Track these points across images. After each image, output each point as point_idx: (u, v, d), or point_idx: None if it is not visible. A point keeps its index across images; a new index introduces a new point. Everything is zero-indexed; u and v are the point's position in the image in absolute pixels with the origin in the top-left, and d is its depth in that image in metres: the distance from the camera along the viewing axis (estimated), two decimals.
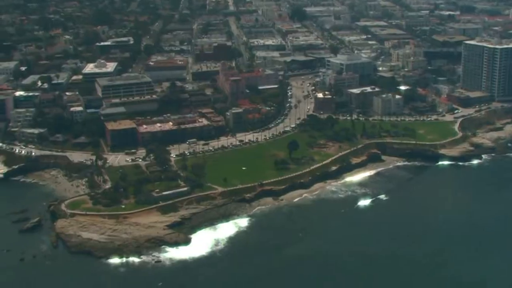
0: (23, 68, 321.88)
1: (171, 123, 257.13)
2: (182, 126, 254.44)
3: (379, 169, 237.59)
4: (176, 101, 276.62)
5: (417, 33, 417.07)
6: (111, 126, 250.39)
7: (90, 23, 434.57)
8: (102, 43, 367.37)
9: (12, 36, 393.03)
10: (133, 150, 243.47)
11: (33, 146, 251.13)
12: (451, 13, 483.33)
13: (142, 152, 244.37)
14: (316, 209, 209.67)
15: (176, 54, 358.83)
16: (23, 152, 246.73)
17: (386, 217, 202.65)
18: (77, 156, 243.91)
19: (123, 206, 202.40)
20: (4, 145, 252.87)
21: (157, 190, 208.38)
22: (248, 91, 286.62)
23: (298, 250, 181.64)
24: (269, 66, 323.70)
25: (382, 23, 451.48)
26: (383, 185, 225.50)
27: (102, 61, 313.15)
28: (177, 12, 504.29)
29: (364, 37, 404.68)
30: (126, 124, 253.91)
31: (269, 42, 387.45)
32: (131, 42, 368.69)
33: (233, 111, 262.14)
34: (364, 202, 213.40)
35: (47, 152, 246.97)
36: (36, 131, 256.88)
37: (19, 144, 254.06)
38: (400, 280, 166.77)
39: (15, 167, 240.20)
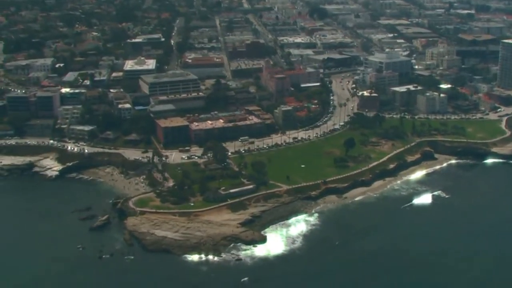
0: (59, 65, 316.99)
1: (221, 121, 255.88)
2: (234, 124, 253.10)
3: (435, 167, 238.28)
4: (222, 98, 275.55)
5: (441, 32, 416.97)
6: (163, 123, 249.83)
7: (114, 20, 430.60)
8: (133, 40, 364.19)
9: (38, 33, 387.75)
10: (187, 148, 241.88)
11: (84, 143, 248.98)
12: (470, 11, 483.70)
13: (195, 149, 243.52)
14: (380, 206, 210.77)
15: (208, 52, 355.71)
16: (75, 149, 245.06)
17: (449, 214, 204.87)
18: (130, 154, 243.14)
19: (192, 204, 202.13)
20: (55, 142, 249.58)
21: (223, 187, 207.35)
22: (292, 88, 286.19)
23: (369, 246, 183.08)
24: (305, 64, 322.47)
25: (404, 21, 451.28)
26: (441, 182, 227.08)
27: (142, 58, 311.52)
28: (194, 9, 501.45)
29: (391, 35, 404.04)
30: (178, 121, 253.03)
31: (298, 40, 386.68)
32: (162, 39, 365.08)
33: (283, 109, 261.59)
34: (425, 200, 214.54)
35: (100, 150, 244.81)
36: (86, 128, 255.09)
37: (69, 141, 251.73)
38: (473, 275, 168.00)
39: (69, 164, 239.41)
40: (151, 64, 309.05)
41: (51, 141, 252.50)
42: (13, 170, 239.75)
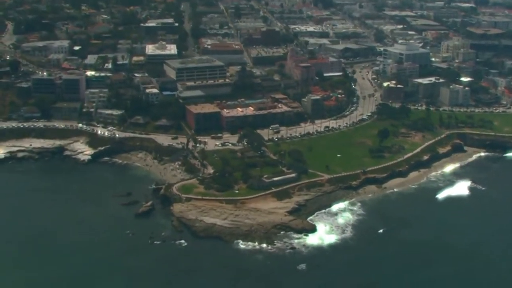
0: (76, 48, 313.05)
1: (251, 108, 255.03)
2: (264, 111, 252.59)
3: (468, 160, 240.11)
4: (249, 85, 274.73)
5: (448, 25, 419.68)
6: (194, 109, 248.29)
7: (119, 3, 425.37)
8: (146, 25, 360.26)
9: (46, 14, 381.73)
10: (219, 135, 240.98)
11: (114, 128, 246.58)
12: (471, 5, 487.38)
13: (227, 136, 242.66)
14: (420, 197, 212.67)
15: (222, 38, 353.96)
16: (106, 133, 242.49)
17: (488, 206, 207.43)
18: (161, 139, 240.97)
19: (236, 191, 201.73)
20: (84, 126, 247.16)
21: (266, 175, 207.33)
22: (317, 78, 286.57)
23: (413, 236, 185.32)
24: (324, 54, 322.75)
25: (410, 13, 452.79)
26: (475, 174, 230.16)
27: (164, 43, 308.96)
28: None
29: (400, 26, 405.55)
30: (209, 108, 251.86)
31: (311, 28, 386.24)
32: (176, 24, 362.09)
33: (312, 98, 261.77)
34: (463, 191, 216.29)
35: (131, 134, 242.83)
36: (114, 112, 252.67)
37: (97, 125, 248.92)
38: None
39: (101, 148, 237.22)
40: (172, 49, 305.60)
41: (80, 125, 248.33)
42: (44, 153, 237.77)
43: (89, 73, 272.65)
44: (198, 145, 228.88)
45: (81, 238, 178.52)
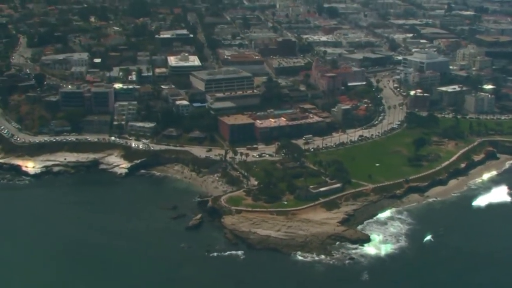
0: (97, 60, 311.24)
1: (283, 119, 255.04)
2: (297, 122, 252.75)
3: (503, 167, 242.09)
4: (276, 96, 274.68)
5: (456, 33, 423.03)
6: (228, 120, 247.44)
7: (128, 15, 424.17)
8: (161, 36, 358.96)
9: (57, 27, 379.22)
10: (254, 146, 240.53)
11: (146, 140, 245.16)
12: (473, 13, 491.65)
13: (262, 147, 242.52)
14: (464, 205, 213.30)
15: (238, 48, 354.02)
16: (140, 146, 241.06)
17: None
18: (197, 151, 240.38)
19: (285, 203, 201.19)
20: (117, 139, 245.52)
21: (311, 186, 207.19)
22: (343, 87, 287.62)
23: (464, 244, 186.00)
24: (343, 63, 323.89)
25: (416, 21, 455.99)
26: None
27: (186, 54, 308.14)
28: (198, 5, 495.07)
29: (410, 35, 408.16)
30: (243, 119, 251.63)
31: (324, 38, 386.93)
32: (191, 35, 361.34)
33: (342, 107, 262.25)
34: (504, 198, 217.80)
35: (166, 147, 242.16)
36: (146, 125, 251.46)
37: (129, 138, 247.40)
38: None
39: (137, 161, 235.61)
40: (195, 60, 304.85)
41: (112, 138, 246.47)
42: (79, 167, 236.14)
43: (117, 85, 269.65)
44: (236, 156, 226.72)
45: (136, 252, 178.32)
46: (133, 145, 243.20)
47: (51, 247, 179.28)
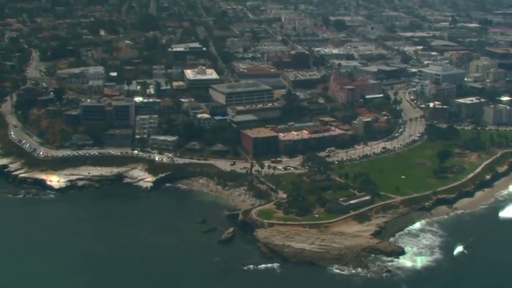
0: (113, 74, 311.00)
1: (305, 131, 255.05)
2: (319, 134, 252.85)
3: None
4: (297, 109, 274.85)
5: (464, 44, 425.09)
6: (252, 133, 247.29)
7: (137, 28, 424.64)
8: (174, 49, 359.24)
9: (68, 40, 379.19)
10: (278, 159, 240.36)
11: (169, 154, 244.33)
12: (479, 25, 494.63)
13: (286, 160, 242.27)
14: (493, 217, 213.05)
15: (252, 61, 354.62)
16: (164, 160, 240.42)
17: None
18: (221, 164, 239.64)
19: (316, 215, 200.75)
20: (140, 153, 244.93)
21: (341, 199, 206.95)
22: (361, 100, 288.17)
23: (495, 256, 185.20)
24: (358, 76, 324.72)
25: (423, 33, 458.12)
26: None
27: (203, 67, 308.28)
28: (204, 18, 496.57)
29: (420, 47, 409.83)
30: (266, 132, 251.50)
31: (335, 51, 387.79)
32: (204, 48, 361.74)
33: (364, 120, 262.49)
34: None
35: (190, 160, 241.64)
36: (169, 138, 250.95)
37: (152, 152, 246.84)
38: None
39: (162, 175, 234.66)
40: (213, 73, 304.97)
41: (135, 152, 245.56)
42: (103, 181, 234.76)
43: (137, 99, 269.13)
44: (262, 169, 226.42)
45: (171, 266, 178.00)
46: (156, 158, 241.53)
47: (82, 262, 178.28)
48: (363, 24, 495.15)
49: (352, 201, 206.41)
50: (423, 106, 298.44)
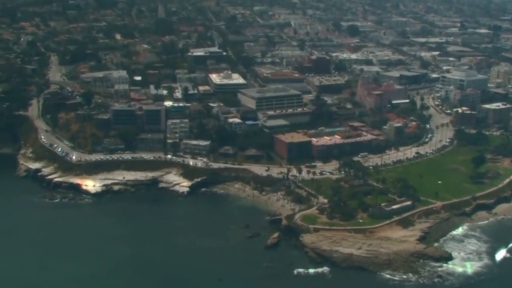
0: (137, 78, 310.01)
1: (337, 136, 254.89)
2: (352, 140, 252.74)
3: None
4: (326, 114, 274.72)
5: (479, 50, 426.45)
6: (285, 138, 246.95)
7: (153, 33, 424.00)
8: (194, 54, 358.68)
9: (85, 44, 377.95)
10: (313, 164, 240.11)
11: (202, 158, 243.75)
12: (494, 32, 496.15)
13: (320, 165, 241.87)
14: None
15: (273, 66, 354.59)
16: (199, 164, 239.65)
17: None
18: (256, 169, 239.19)
19: (360, 221, 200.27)
20: (173, 157, 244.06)
21: (383, 204, 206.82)
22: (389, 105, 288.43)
23: None
24: (384, 81, 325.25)
25: (437, 39, 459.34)
26: None
27: (229, 72, 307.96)
28: (214, 22, 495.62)
29: (436, 53, 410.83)
30: (299, 137, 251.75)
31: (353, 56, 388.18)
32: (224, 53, 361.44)
33: (395, 125, 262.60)
34: None
35: (225, 165, 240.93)
36: (201, 143, 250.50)
37: (185, 156, 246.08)
38: None
39: (198, 180, 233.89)
40: (239, 78, 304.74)
41: (169, 156, 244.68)
42: (138, 186, 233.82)
43: (166, 103, 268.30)
44: (300, 174, 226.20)
45: (220, 270, 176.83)
46: (190, 163, 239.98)
47: (125, 267, 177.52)
48: (375, 30, 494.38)
49: (394, 206, 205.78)
50: (448, 111, 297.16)
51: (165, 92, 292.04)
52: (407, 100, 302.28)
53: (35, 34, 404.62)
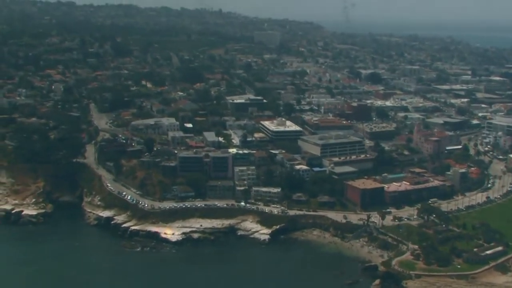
0: (188, 125, 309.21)
1: (406, 182, 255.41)
2: (422, 186, 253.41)
3: None
4: (388, 160, 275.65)
5: (505, 96, 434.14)
6: (358, 185, 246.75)
7: (181, 80, 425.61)
8: (235, 101, 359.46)
9: (120, 92, 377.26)
10: (388, 210, 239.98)
11: (280, 206, 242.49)
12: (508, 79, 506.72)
13: (394, 211, 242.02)
14: None
15: (312, 113, 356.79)
16: (274, 211, 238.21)
17: None
18: (331, 216, 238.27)
19: (458, 266, 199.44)
20: (246, 204, 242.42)
21: (475, 249, 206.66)
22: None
23: None
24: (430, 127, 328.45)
25: (458, 86, 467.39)
26: None
27: (283, 119, 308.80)
28: (233, 70, 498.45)
29: (466, 100, 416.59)
30: (370, 183, 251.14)
31: (388, 103, 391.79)
32: (265, 101, 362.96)
33: (459, 171, 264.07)
34: None
35: (300, 212, 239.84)
36: (272, 190, 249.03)
37: (258, 203, 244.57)
38: None
39: (277, 227, 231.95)
40: (292, 125, 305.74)
41: (242, 203, 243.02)
42: (216, 234, 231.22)
43: (231, 150, 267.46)
44: (382, 220, 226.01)
45: None
46: (266, 210, 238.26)
47: None
48: (393, 77, 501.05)
49: (488, 252, 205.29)
50: (501, 157, 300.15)
51: (222, 139, 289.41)
52: (460, 146, 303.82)
53: (64, 82, 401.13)
